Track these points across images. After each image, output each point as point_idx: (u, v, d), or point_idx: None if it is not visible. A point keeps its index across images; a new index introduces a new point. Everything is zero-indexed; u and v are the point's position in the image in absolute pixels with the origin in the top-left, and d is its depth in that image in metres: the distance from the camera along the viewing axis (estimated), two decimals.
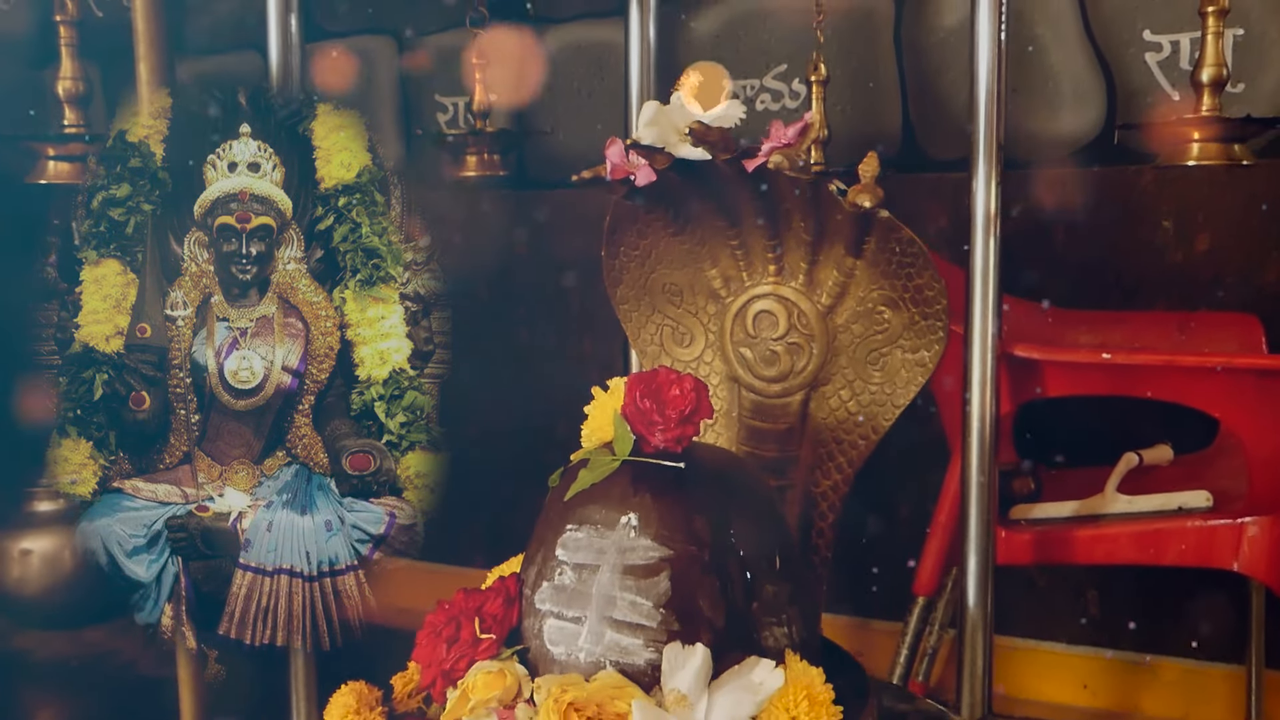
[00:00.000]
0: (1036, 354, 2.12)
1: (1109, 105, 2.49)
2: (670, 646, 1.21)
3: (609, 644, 1.24)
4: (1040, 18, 2.49)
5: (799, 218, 1.40)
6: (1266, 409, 2.08)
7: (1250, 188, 2.42)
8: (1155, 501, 2.23)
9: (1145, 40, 2.44)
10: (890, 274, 1.39)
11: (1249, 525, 2.12)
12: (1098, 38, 2.47)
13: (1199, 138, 1.94)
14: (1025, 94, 2.53)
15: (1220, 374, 2.06)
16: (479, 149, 2.19)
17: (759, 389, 1.50)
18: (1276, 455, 2.10)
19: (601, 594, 1.25)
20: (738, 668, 1.23)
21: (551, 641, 1.27)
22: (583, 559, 1.27)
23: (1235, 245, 2.44)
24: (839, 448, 1.47)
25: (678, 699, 1.16)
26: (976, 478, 1.91)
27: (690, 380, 1.30)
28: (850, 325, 1.45)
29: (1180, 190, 2.46)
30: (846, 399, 1.46)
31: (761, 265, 1.47)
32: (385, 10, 2.99)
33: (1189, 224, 2.46)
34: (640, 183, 1.38)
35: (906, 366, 1.43)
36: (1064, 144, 2.52)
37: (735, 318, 1.50)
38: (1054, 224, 2.52)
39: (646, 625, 1.23)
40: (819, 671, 1.24)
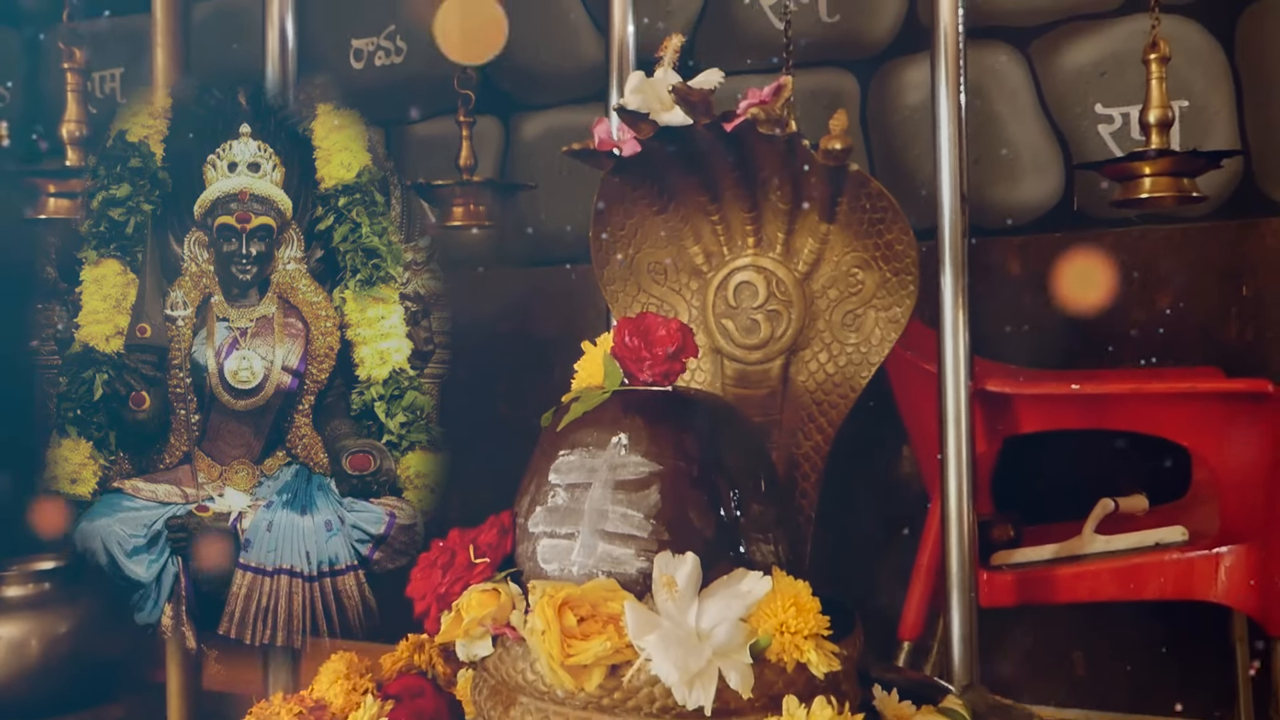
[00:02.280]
0: (1009, 388, 2.23)
1: (1066, 174, 2.67)
2: (661, 555, 1.28)
3: (601, 555, 1.31)
4: (998, 94, 2.69)
5: (776, 185, 1.53)
6: (1234, 435, 2.19)
7: (1202, 250, 2.58)
8: (1132, 539, 2.31)
9: (1097, 113, 2.64)
10: (862, 234, 1.51)
11: (1224, 555, 2.20)
12: (1052, 111, 2.67)
13: (1150, 172, 2.10)
14: (987, 165, 2.71)
15: (1187, 402, 2.17)
16: (465, 199, 2.33)
17: (740, 357, 1.60)
18: (1246, 482, 2.20)
19: (593, 509, 1.33)
20: (726, 577, 1.30)
21: (545, 560, 1.34)
22: (575, 479, 1.35)
23: (1193, 304, 2.59)
24: (819, 409, 1.57)
25: (668, 581, 1.22)
26: (955, 515, 1.99)
27: (676, 322, 1.42)
28: (826, 290, 1.56)
29: (1139, 251, 2.62)
30: (825, 361, 1.57)
31: (741, 238, 1.59)
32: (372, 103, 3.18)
33: (1149, 284, 2.61)
34: (626, 153, 1.51)
35: (880, 325, 1.54)
36: (1026, 211, 2.69)
37: (717, 291, 1.62)
38: (1020, 287, 2.67)
39: (638, 536, 1.31)
40: (805, 584, 1.31)
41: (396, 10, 3.09)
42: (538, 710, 1.30)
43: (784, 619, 1.28)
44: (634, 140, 1.51)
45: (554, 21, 3.04)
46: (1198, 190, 2.11)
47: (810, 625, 1.28)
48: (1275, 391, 2.10)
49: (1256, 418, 2.15)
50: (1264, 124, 2.54)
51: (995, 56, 2.69)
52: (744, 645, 1.25)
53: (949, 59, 2.01)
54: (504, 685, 1.33)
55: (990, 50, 2.69)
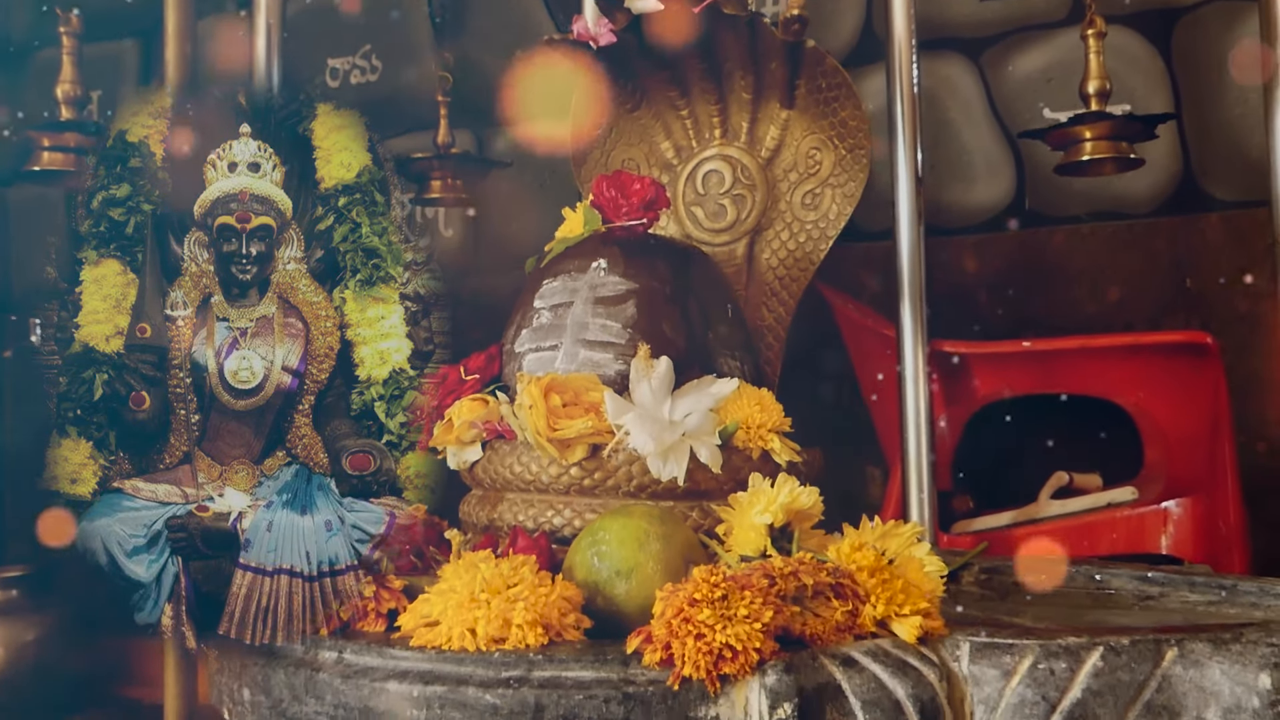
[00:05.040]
0: (963, 349, 2.44)
1: (1018, 176, 2.92)
2: (636, 359, 1.47)
3: (583, 361, 1.50)
4: (951, 102, 2.96)
5: (740, 76, 1.76)
6: (1177, 389, 2.39)
7: (1148, 245, 2.82)
8: (1085, 502, 2.50)
9: (1045, 117, 2.90)
10: (819, 115, 1.74)
11: (1172, 508, 2.38)
12: (1003, 116, 2.93)
13: (1090, 136, 2.35)
14: (942, 169, 2.96)
15: (1131, 358, 2.39)
16: (443, 174, 2.53)
17: (709, 240, 1.81)
18: (1190, 436, 2.40)
19: (575, 322, 1.52)
20: (697, 381, 1.50)
21: (531, 370, 1.52)
22: (558, 300, 1.54)
23: (1141, 297, 2.81)
24: (780, 284, 1.77)
25: (645, 353, 1.41)
26: (915, 477, 2.17)
27: (650, 178, 1.63)
28: (788, 174, 1.78)
29: (1089, 249, 2.85)
30: (786, 239, 1.77)
31: (709, 130, 1.81)
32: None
33: (1100, 279, 2.85)
34: (602, 43, 1.74)
35: (837, 201, 1.76)
36: (980, 212, 2.93)
37: (686, 181, 1.83)
38: (975, 284, 2.89)
39: (616, 343, 1.50)
40: (768, 392, 1.50)
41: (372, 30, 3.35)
42: (524, 501, 1.47)
43: (749, 413, 1.46)
44: (609, 32, 1.73)
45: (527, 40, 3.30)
46: (1134, 153, 2.36)
47: (774, 420, 1.46)
48: (1214, 344, 2.31)
49: (1198, 371, 2.36)
50: (1201, 126, 2.81)
51: (948, 66, 2.97)
52: (713, 430, 1.43)
53: (903, 69, 2.25)
54: (492, 486, 1.50)
55: (943, 60, 2.97)
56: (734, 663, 1.16)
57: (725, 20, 1.67)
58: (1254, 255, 2.63)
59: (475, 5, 3.27)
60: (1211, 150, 2.81)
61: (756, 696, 1.17)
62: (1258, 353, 2.66)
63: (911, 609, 1.28)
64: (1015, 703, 1.23)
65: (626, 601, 1.31)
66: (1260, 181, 2.25)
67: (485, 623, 1.25)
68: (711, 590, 1.19)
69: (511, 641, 1.25)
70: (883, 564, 1.31)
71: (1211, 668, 1.22)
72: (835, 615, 1.25)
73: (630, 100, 1.84)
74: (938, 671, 1.24)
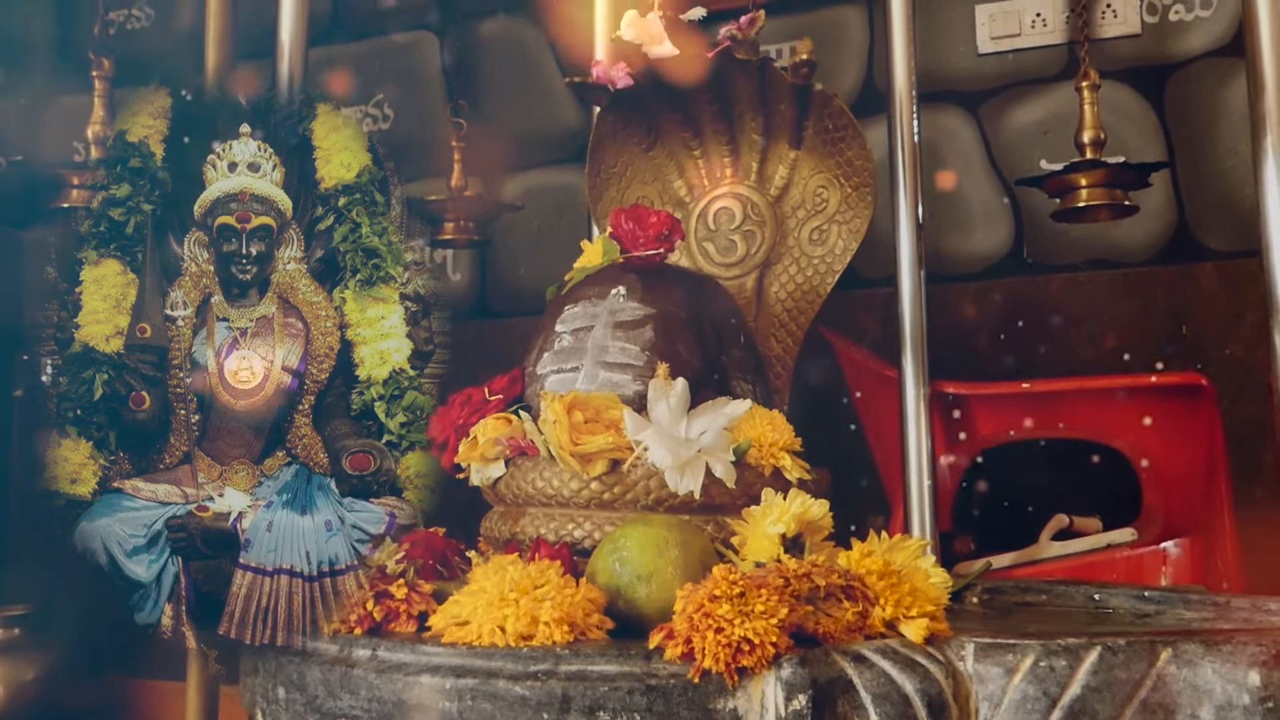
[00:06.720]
0: (963, 390, 2.55)
1: (1016, 225, 3.05)
2: (654, 380, 1.58)
3: (603, 381, 1.61)
4: (950, 153, 3.09)
5: (750, 117, 1.89)
6: (1173, 431, 2.50)
7: (1144, 293, 2.95)
8: (1085, 543, 2.59)
9: (1042, 168, 3.04)
10: (826, 155, 1.87)
11: (1170, 549, 2.48)
12: (1001, 167, 3.07)
13: (1086, 184, 2.48)
14: (941, 219, 3.09)
15: (1128, 400, 2.50)
16: (456, 215, 2.65)
17: (720, 274, 1.93)
18: (1187, 477, 2.50)
19: (595, 345, 1.63)
20: (711, 402, 1.60)
21: (553, 390, 1.62)
22: (579, 324, 1.66)
23: (1138, 344, 2.93)
24: (789, 315, 1.89)
25: (664, 372, 1.51)
26: (917, 514, 2.26)
27: (665, 212, 1.75)
28: (795, 210, 1.90)
29: (1087, 296, 2.98)
30: (794, 273, 1.89)
31: (720, 169, 1.94)
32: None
33: (1097, 326, 2.97)
34: (619, 86, 1.86)
35: (843, 236, 1.88)
36: (979, 260, 3.06)
37: (698, 217, 1.95)
38: (975, 330, 3.01)
39: (634, 364, 1.61)
40: (780, 414, 1.61)
41: (385, 80, 3.49)
42: (545, 515, 1.57)
43: (761, 432, 1.56)
44: (626, 75, 1.86)
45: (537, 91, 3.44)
46: (1129, 200, 2.49)
47: (785, 439, 1.57)
48: (1209, 386, 2.42)
49: (1194, 413, 2.47)
50: (1194, 178, 2.95)
51: (947, 118, 3.11)
52: (728, 447, 1.54)
53: (904, 120, 2.37)
54: (514, 501, 1.60)
55: (942, 112, 3.11)
56: (751, 655, 1.26)
57: (737, 64, 1.80)
58: (1248, 302, 2.76)
59: (486, 53, 3.41)
60: (1204, 201, 2.95)
61: (772, 689, 1.27)
62: (1253, 398, 2.77)
63: (918, 611, 1.38)
64: (1018, 699, 1.33)
65: (647, 604, 1.41)
66: (1252, 231, 2.37)
67: (514, 620, 1.35)
68: (731, 587, 1.29)
69: (539, 638, 1.34)
70: (891, 569, 1.42)
71: (1204, 667, 1.32)
72: (846, 615, 1.36)
73: (645, 140, 1.96)
74: (944, 669, 1.34)
